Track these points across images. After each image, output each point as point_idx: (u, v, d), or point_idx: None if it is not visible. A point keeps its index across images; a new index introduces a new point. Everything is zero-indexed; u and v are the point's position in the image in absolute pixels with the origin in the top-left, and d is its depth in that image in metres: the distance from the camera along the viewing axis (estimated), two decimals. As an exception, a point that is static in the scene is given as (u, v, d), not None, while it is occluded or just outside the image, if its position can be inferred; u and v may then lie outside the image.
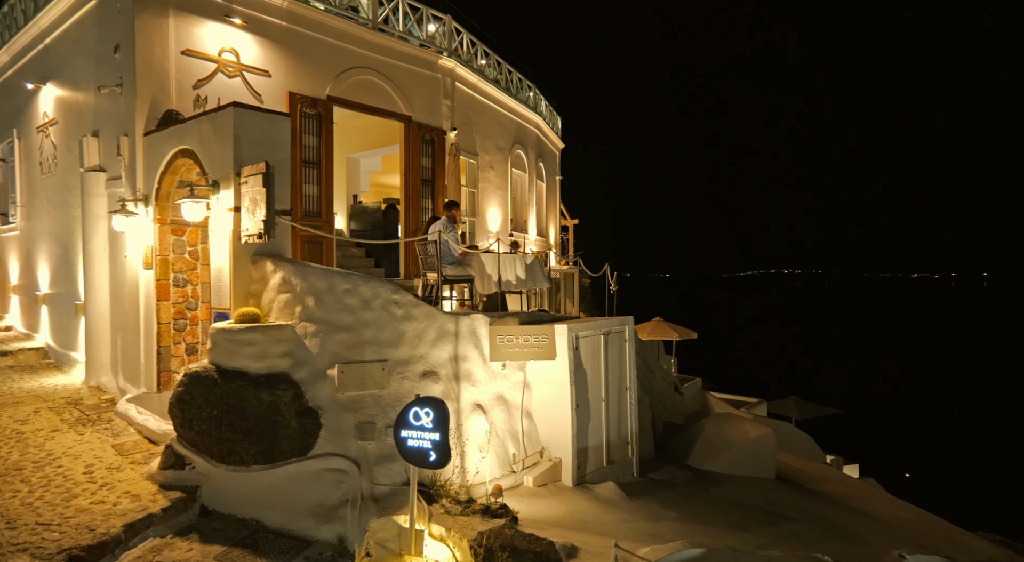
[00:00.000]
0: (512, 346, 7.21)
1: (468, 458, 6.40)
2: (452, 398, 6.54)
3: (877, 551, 6.69)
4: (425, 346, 6.57)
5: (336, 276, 6.26)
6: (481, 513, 5.52)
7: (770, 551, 5.91)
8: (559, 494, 6.90)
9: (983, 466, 27.05)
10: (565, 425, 7.39)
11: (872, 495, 10.55)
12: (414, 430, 5.05)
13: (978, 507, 19.94)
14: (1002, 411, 36.05)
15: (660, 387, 12.59)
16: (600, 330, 8.11)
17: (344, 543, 4.96)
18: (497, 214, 14.48)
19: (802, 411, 20.91)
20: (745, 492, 8.78)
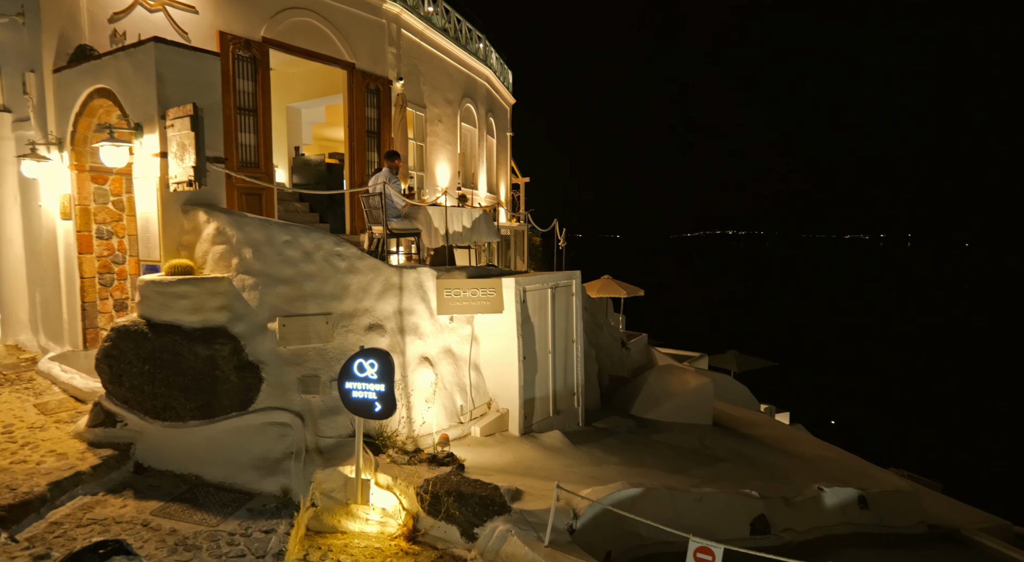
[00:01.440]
0: (459, 299, 7.19)
1: (415, 410, 6.42)
2: (398, 351, 6.50)
3: (800, 485, 7.21)
4: (370, 299, 6.46)
5: (275, 227, 6.02)
6: (428, 462, 5.58)
7: (703, 489, 6.27)
8: (506, 443, 7.06)
9: (898, 411, 29.44)
10: (512, 377, 7.50)
11: (799, 438, 11.31)
12: (359, 382, 5.02)
13: (892, 447, 21.75)
14: (917, 360, 39.07)
15: (607, 342, 12.92)
16: (547, 284, 8.18)
17: (288, 495, 4.94)
18: (446, 169, 14.19)
19: (740, 364, 22.03)
20: (684, 437, 9.23)
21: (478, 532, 4.78)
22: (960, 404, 30.39)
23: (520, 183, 23.02)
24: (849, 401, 30.55)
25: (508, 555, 4.54)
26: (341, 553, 4.59)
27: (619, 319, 19.51)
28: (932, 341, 45.38)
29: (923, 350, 42.40)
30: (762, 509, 6.37)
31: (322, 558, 4.48)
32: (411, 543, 4.82)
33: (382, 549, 4.72)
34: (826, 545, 6.44)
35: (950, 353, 41.29)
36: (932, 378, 35.09)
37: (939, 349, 42.54)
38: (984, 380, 34.36)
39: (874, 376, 35.86)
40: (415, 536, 4.88)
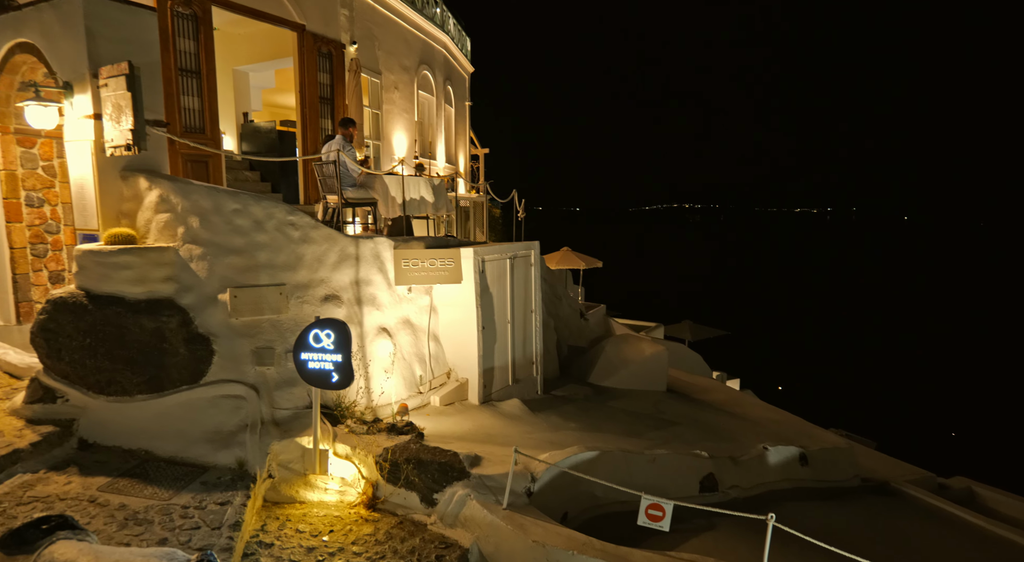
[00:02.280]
0: (418, 270, 7.13)
1: (373, 380, 6.40)
2: (356, 322, 6.43)
3: (746, 445, 7.58)
4: (326, 270, 6.33)
5: (223, 195, 5.79)
6: (387, 431, 5.59)
7: (656, 451, 6.51)
8: (465, 412, 7.13)
9: (840, 376, 31.09)
10: (471, 347, 7.54)
11: (747, 402, 11.82)
12: (315, 352, 4.95)
13: (833, 409, 23.02)
14: (858, 328, 41.21)
15: (566, 313, 13.10)
16: (506, 254, 8.19)
17: (244, 467, 4.88)
18: (403, 138, 13.87)
19: (694, 333, 22.75)
20: (639, 403, 9.53)
21: (437, 498, 4.85)
22: (893, 368, 32.34)
23: (479, 154, 22.77)
24: (796, 367, 32.05)
25: (467, 518, 4.63)
26: (300, 522, 4.59)
27: (578, 291, 19.77)
28: (872, 309, 47.86)
29: (864, 318, 44.71)
30: (711, 468, 6.67)
31: (280, 528, 4.47)
32: (371, 511, 4.85)
33: (341, 517, 4.74)
34: (769, 500, 6.82)
35: (888, 320, 43.69)
36: (871, 345, 37.12)
37: (879, 317, 44.93)
38: (914, 346, 36.57)
39: (819, 343, 37.66)
40: (375, 504, 4.91)
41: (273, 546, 4.21)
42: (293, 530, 4.46)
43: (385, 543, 4.41)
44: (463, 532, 4.57)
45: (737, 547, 5.30)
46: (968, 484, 8.82)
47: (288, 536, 4.37)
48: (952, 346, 36.18)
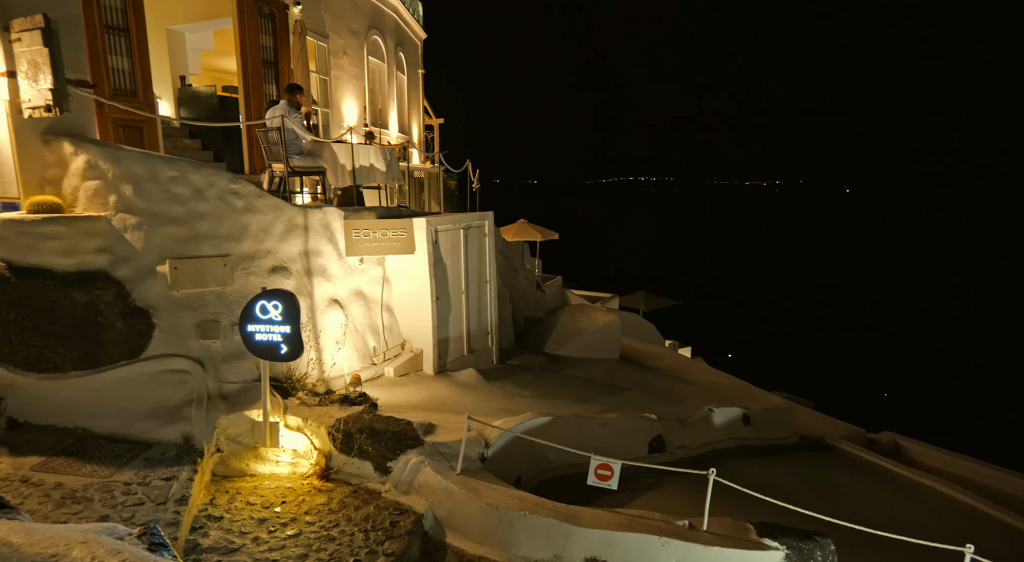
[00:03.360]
0: (369, 240, 7.01)
1: (325, 352, 6.30)
2: (305, 294, 6.29)
3: (693, 408, 7.89)
4: (273, 240, 6.14)
5: (158, 161, 5.49)
6: (340, 402, 5.55)
7: (608, 415, 6.71)
8: (420, 382, 7.13)
9: (785, 342, 32.58)
10: (425, 318, 7.50)
11: (696, 367, 12.27)
12: (262, 324, 4.83)
13: (777, 373, 24.17)
14: (802, 296, 43.11)
15: (523, 285, 13.18)
16: (460, 224, 8.13)
17: (191, 442, 4.76)
18: (353, 106, 13.41)
19: (648, 303, 23.30)
20: (592, 371, 9.75)
21: (391, 466, 4.87)
22: (832, 334, 34.09)
23: (434, 124, 22.31)
24: (744, 335, 33.36)
25: (421, 485, 4.68)
26: (251, 495, 4.54)
27: (535, 263, 19.89)
28: (816, 279, 50.06)
29: (808, 288, 46.74)
30: (659, 430, 6.93)
31: (230, 501, 4.41)
32: (324, 481, 4.84)
33: (294, 488, 4.71)
34: (714, 458, 7.14)
35: (830, 290, 45.83)
36: (814, 313, 38.93)
37: (821, 287, 47.06)
38: (852, 314, 38.59)
39: (767, 312, 39.25)
40: (328, 474, 4.90)
41: (223, 519, 4.16)
42: (244, 503, 4.41)
43: (339, 512, 4.41)
44: (417, 498, 4.62)
45: (683, 503, 5.56)
46: (894, 438, 9.47)
47: (238, 509, 4.32)
48: (885, 313, 38.36)
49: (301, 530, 4.14)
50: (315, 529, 4.17)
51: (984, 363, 28.40)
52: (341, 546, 3.99)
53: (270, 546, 3.90)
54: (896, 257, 61.85)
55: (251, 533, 4.02)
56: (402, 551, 3.98)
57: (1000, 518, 6.47)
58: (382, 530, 4.20)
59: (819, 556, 4.00)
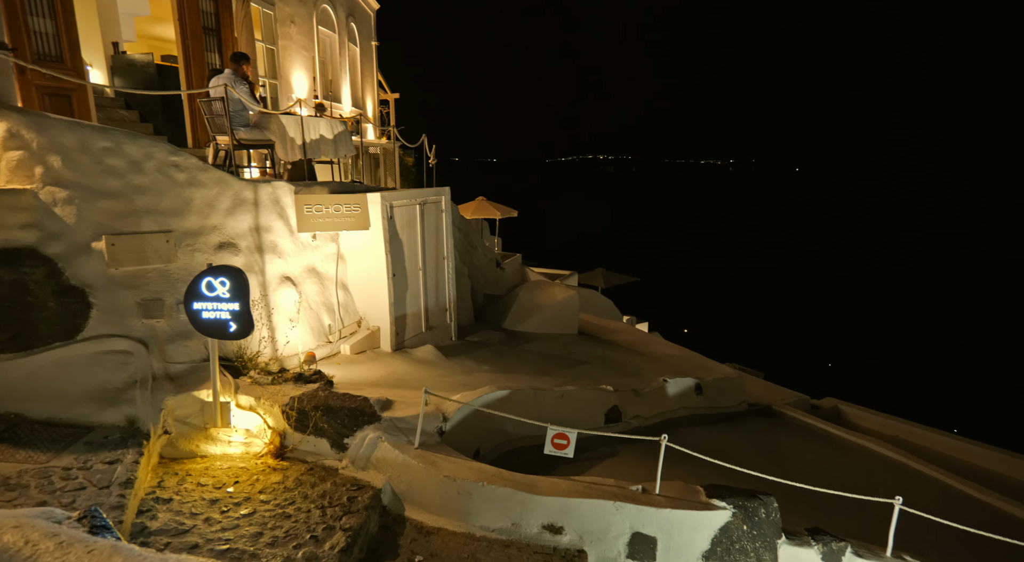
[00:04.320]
0: (322, 216, 6.83)
1: (278, 330, 6.15)
2: (256, 271, 6.09)
3: (648, 379, 8.10)
4: (219, 216, 5.90)
5: (89, 131, 5.17)
6: (294, 381, 5.44)
7: (565, 387, 6.81)
8: (377, 359, 7.07)
9: (739, 317, 33.72)
10: (382, 294, 7.40)
11: (652, 341, 12.57)
12: (208, 301, 4.66)
13: (730, 346, 25.05)
14: (755, 270, 44.59)
15: (482, 262, 13.14)
16: (416, 200, 8.00)
17: (135, 424, 4.59)
18: (303, 78, 12.92)
19: (607, 280, 23.65)
20: (551, 346, 9.87)
21: (348, 442, 4.83)
22: (782, 308, 35.47)
23: (389, 99, 21.76)
24: (700, 310, 34.34)
25: (379, 460, 4.66)
26: (201, 476, 4.42)
27: (495, 241, 19.85)
28: (767, 255, 51.77)
29: (760, 263, 48.32)
30: (616, 401, 7.09)
31: (179, 483, 4.29)
32: (279, 460, 4.76)
33: (247, 468, 4.62)
34: (668, 426, 7.38)
35: (780, 265, 47.52)
36: (766, 288, 40.36)
37: (772, 262, 48.73)
38: (800, 288, 40.20)
39: (722, 287, 40.45)
40: (283, 453, 4.82)
41: (172, 501, 4.05)
42: (194, 484, 4.30)
43: (294, 489, 4.36)
44: (375, 473, 4.61)
45: (637, 469, 5.73)
46: (835, 404, 9.98)
47: (189, 490, 4.21)
48: (830, 288, 40.10)
49: (255, 509, 4.07)
50: (270, 507, 4.11)
51: (915, 333, 30.16)
52: (297, 523, 3.95)
53: (223, 526, 3.83)
54: (839, 234, 64.49)
55: (202, 514, 3.93)
56: (360, 525, 3.97)
57: (927, 473, 6.94)
58: (339, 506, 4.17)
59: (763, 513, 4.20)
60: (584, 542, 4.15)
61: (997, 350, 27.23)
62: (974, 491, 6.49)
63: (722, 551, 4.16)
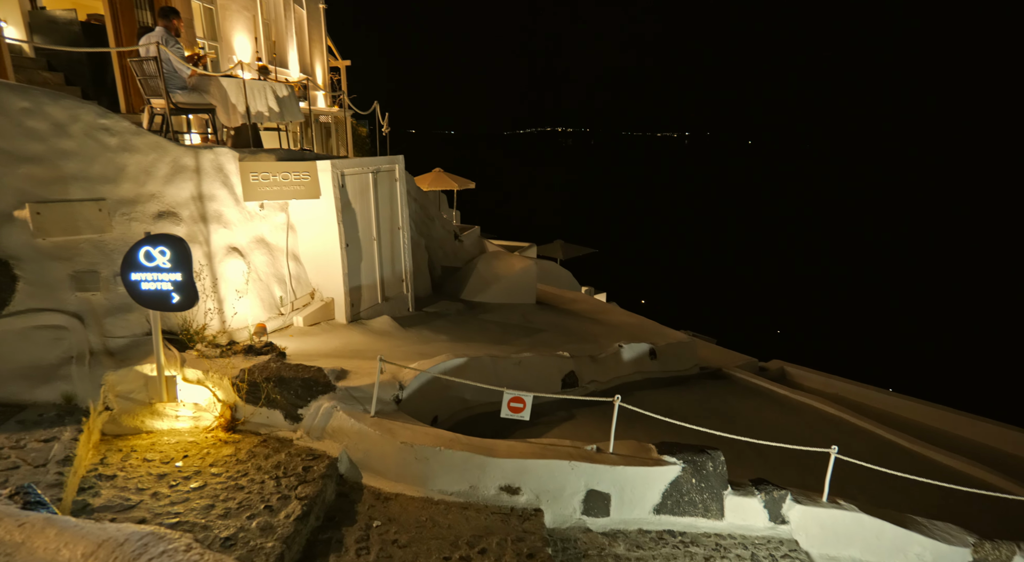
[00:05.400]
0: (269, 184, 6.58)
1: (226, 302, 5.95)
2: (201, 241, 5.84)
3: (604, 345, 8.25)
4: (156, 183, 5.60)
5: (3, 89, 4.77)
6: (244, 353, 5.30)
7: (522, 354, 6.87)
8: (332, 331, 6.95)
9: (694, 286, 34.65)
10: (335, 265, 7.24)
11: (609, 310, 12.78)
12: (148, 272, 4.46)
13: (685, 314, 25.77)
14: (712, 243, 45.74)
15: (440, 234, 12.99)
16: (368, 168, 7.79)
17: (73, 401, 4.38)
18: (245, 41, 12.28)
19: (565, 252, 23.81)
20: (509, 315, 9.91)
21: (302, 413, 4.76)
22: (735, 277, 36.62)
23: (340, 66, 20.97)
24: (657, 281, 35.08)
25: (335, 429, 4.61)
26: (148, 452, 4.29)
27: (453, 213, 19.65)
28: (720, 226, 53.10)
29: (714, 234, 49.54)
30: (572, 366, 7.21)
31: (124, 459, 4.15)
32: (230, 433, 4.65)
33: (197, 442, 4.50)
34: (623, 389, 7.55)
35: (733, 236, 48.86)
36: (719, 258, 41.50)
37: (725, 233, 50.04)
38: (753, 258, 41.53)
39: (678, 257, 41.38)
40: (234, 426, 4.71)
41: (116, 477, 3.91)
42: (140, 460, 4.16)
43: (247, 461, 4.28)
44: (331, 443, 4.56)
45: (593, 431, 5.86)
46: (781, 365, 10.43)
47: (134, 466, 4.07)
48: (780, 257, 41.57)
49: (206, 482, 3.98)
50: (222, 480, 4.02)
51: (855, 298, 31.73)
52: (251, 494, 3.88)
53: (172, 500, 3.73)
54: (789, 204, 66.64)
55: (149, 489, 3.82)
56: (316, 494, 3.94)
57: (863, 426, 7.37)
58: (294, 476, 4.12)
59: (710, 467, 4.38)
60: (541, 501, 4.24)
61: (928, 314, 28.96)
62: (904, 441, 6.94)
63: (672, 504, 4.33)
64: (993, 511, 5.26)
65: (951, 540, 4.13)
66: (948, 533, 4.21)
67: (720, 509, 4.36)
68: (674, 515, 4.33)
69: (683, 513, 4.34)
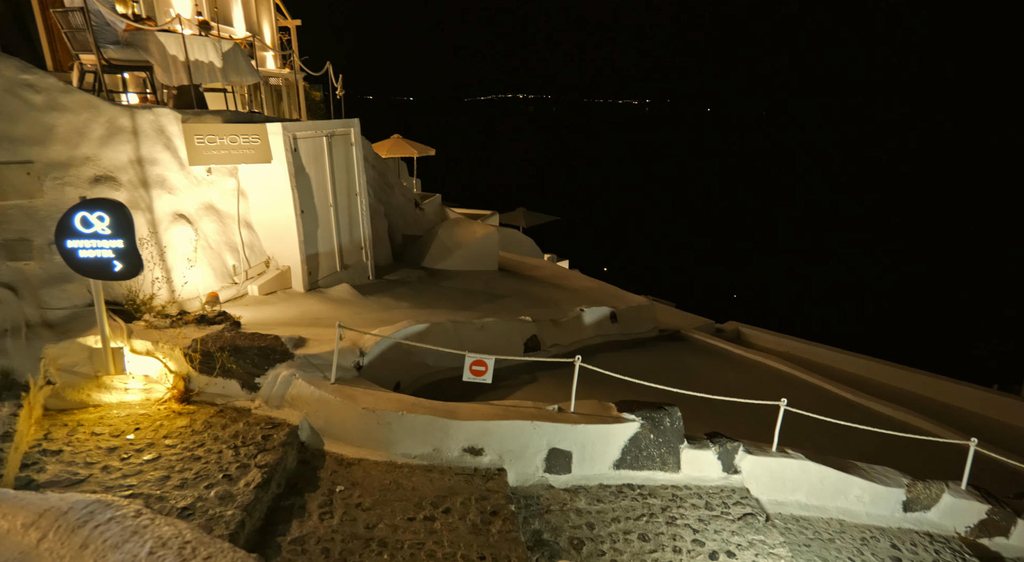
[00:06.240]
0: (216, 147, 6.27)
1: (175, 271, 5.71)
2: (143, 208, 5.56)
3: (565, 310, 8.34)
4: (91, 145, 5.26)
5: (-89, 42, 4.36)
6: (196, 323, 5.12)
7: (485, 319, 6.88)
8: (289, 300, 6.78)
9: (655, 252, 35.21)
10: (291, 233, 7.02)
11: (571, 275, 12.89)
12: (86, 239, 4.22)
13: (646, 280, 26.25)
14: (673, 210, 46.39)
15: (400, 202, 12.74)
16: (322, 132, 7.51)
17: (10, 376, 4.16)
18: (186, -5, 11.49)
19: (528, 220, 23.76)
20: (471, 282, 9.88)
21: (260, 382, 4.66)
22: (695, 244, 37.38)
23: (290, 26, 19.95)
24: (620, 248, 35.49)
25: (294, 397, 4.54)
26: (96, 426, 4.13)
27: (414, 181, 19.28)
28: (680, 193, 53.84)
29: (674, 201, 50.23)
30: (534, 330, 7.27)
31: (70, 434, 3.99)
32: (185, 404, 4.52)
33: (149, 414, 4.36)
34: (585, 352, 7.62)
35: (692, 203, 49.65)
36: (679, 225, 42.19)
37: (685, 200, 50.79)
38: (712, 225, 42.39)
39: (640, 224, 41.86)
40: (189, 397, 4.58)
41: (62, 452, 3.77)
42: (87, 434, 4.01)
43: (203, 432, 4.18)
44: (291, 411, 4.50)
45: (554, 393, 5.96)
46: (737, 326, 10.78)
47: (81, 441, 3.93)
48: (739, 221, 42.57)
49: (160, 453, 3.88)
50: (177, 451, 3.92)
51: (808, 259, 32.94)
52: (208, 464, 3.81)
53: (124, 472, 3.62)
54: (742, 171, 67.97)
55: (99, 462, 3.69)
56: (276, 462, 3.89)
57: (811, 381, 7.73)
58: (254, 444, 4.06)
59: (668, 422, 4.51)
60: (504, 461, 4.31)
61: (873, 275, 30.35)
62: (849, 394, 7.32)
63: (631, 459, 4.47)
64: (926, 454, 5.63)
65: (887, 482, 4.41)
66: (885, 476, 4.49)
67: (677, 462, 4.52)
68: (633, 469, 4.47)
69: (642, 467, 4.48)
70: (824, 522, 4.40)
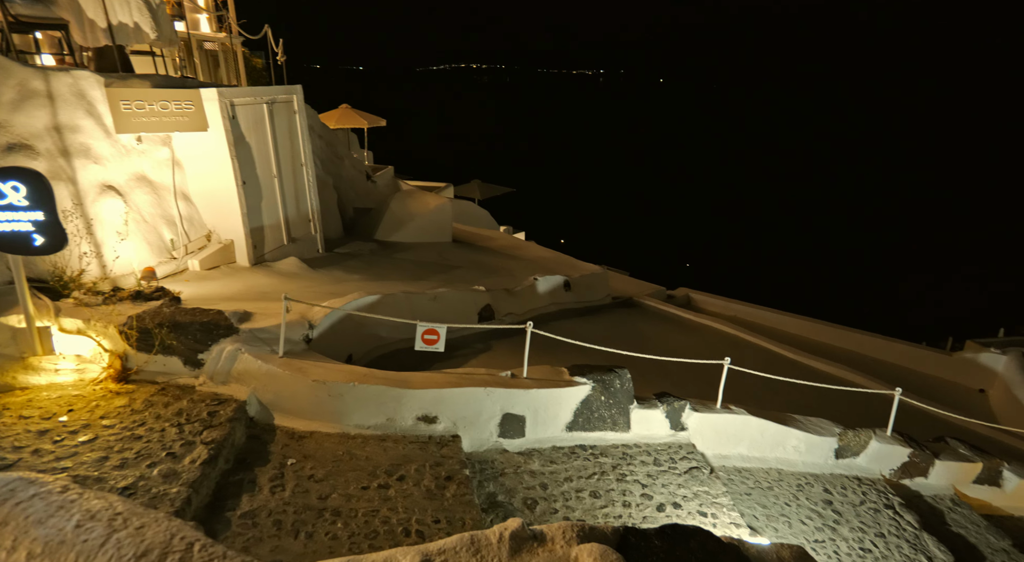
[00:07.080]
0: (145, 114, 5.91)
1: (105, 246, 5.40)
2: (65, 179, 5.20)
3: (520, 279, 8.36)
4: (2, 111, 4.86)
5: None
6: (131, 299, 4.88)
7: (438, 289, 6.83)
8: (234, 274, 6.54)
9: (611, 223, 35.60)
10: (232, 205, 6.73)
11: (525, 246, 12.90)
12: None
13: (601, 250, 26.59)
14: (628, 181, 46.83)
15: (351, 174, 12.40)
16: (263, 98, 7.16)
17: (-75, 359, 3.89)
18: (107, -50, 10.62)
19: (483, 191, 23.51)
20: (424, 254, 9.76)
21: (203, 358, 4.50)
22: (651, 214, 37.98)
23: (225, -14, 18.80)
24: (576, 219, 35.68)
25: (241, 373, 4.42)
26: (24, 409, 3.92)
27: (365, 154, 18.75)
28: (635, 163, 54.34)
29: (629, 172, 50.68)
30: (488, 300, 7.27)
31: (-4, 418, 3.77)
32: (122, 383, 4.33)
33: (83, 395, 4.16)
34: (539, 320, 7.73)
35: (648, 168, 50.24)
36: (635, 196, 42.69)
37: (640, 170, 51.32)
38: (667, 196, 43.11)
39: (595, 194, 42.13)
40: (126, 376, 4.39)
41: (-12, 437, 3.56)
42: (15, 417, 3.80)
43: (144, 411, 4.03)
44: (238, 386, 4.38)
45: (508, 361, 6.00)
46: (687, 292, 11.08)
47: (8, 425, 3.72)
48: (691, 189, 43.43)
49: (97, 435, 3.72)
50: (115, 432, 3.77)
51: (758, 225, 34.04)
52: (150, 443, 3.67)
53: (57, 455, 3.46)
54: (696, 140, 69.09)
55: (29, 446, 3.51)
56: (223, 438, 3.79)
57: (755, 342, 8.06)
58: (199, 421, 3.94)
59: (618, 384, 4.62)
60: (458, 428, 4.33)
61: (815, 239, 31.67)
62: (789, 353, 7.67)
63: (583, 421, 4.57)
64: (860, 407, 5.98)
65: (821, 432, 4.68)
66: (819, 426, 4.76)
67: (627, 422, 4.65)
68: (585, 431, 4.58)
69: (593, 428, 4.59)
70: (764, 472, 4.64)
